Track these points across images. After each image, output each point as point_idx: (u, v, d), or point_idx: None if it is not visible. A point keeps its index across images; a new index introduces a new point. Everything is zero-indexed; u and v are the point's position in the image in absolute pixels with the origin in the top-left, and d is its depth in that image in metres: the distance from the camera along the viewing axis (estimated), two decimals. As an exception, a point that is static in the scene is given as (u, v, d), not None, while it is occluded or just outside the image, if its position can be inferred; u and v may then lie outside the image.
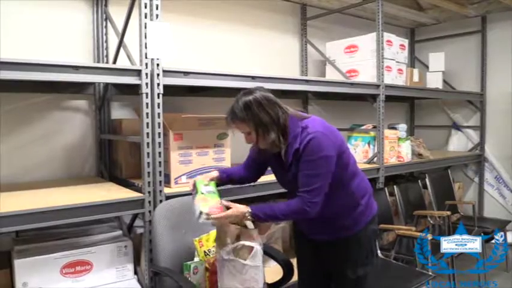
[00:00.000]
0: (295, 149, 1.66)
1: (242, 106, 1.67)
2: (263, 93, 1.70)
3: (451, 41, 4.62)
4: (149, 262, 2.10)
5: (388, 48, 3.51)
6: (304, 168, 1.65)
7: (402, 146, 3.56)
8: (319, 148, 1.64)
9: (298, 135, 1.67)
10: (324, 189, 1.66)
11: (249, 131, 1.71)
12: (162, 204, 2.10)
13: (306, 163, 1.64)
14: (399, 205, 3.42)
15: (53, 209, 1.82)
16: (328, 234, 1.81)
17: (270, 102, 1.68)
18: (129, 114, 2.71)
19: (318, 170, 1.64)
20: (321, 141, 1.64)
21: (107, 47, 2.67)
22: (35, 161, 2.48)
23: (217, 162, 2.43)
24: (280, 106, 1.71)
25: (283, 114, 1.69)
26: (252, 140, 1.73)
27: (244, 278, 1.71)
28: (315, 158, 1.63)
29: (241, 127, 1.72)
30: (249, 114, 1.66)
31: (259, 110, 1.66)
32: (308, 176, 1.64)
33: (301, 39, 3.79)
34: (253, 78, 2.49)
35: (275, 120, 1.67)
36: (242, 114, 1.67)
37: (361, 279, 1.81)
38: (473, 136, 4.56)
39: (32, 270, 1.93)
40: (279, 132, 1.68)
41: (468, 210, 4.08)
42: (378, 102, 3.30)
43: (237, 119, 1.69)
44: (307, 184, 1.64)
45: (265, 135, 1.68)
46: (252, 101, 1.66)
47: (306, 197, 1.64)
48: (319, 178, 1.65)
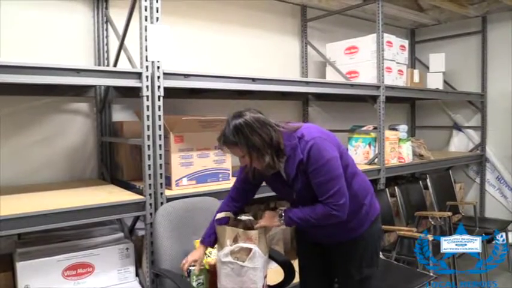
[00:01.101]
0: (299, 160, 1.64)
1: (233, 130, 1.63)
2: (253, 114, 1.67)
3: (452, 41, 4.62)
4: (150, 264, 2.11)
5: (388, 49, 3.51)
6: (316, 177, 1.63)
7: (403, 147, 3.56)
8: (323, 153, 1.62)
9: (297, 146, 1.66)
10: (345, 189, 1.65)
11: (243, 155, 1.67)
12: (163, 206, 2.11)
13: (315, 172, 1.63)
14: (400, 206, 3.42)
15: (54, 211, 1.83)
16: (334, 238, 1.81)
17: (261, 124, 1.65)
18: (130, 116, 2.72)
19: (330, 174, 1.63)
20: (322, 146, 1.63)
21: (107, 50, 2.68)
22: (36, 164, 2.49)
23: (218, 164, 2.44)
24: (271, 125, 1.67)
25: (275, 133, 1.66)
26: (246, 162, 1.70)
27: (243, 279, 1.71)
28: (322, 163, 1.62)
29: (234, 151, 1.69)
30: (241, 138, 1.63)
31: (251, 134, 1.62)
32: (323, 183, 1.63)
33: (302, 41, 3.80)
34: (253, 80, 2.49)
35: (267, 141, 1.64)
36: (234, 139, 1.63)
37: (366, 280, 1.81)
38: (474, 136, 4.56)
39: (34, 272, 1.94)
40: (273, 153, 1.65)
41: (469, 210, 4.08)
42: (379, 103, 3.30)
43: (229, 143, 1.66)
44: (326, 191, 1.62)
45: (259, 158, 1.65)
46: (242, 125, 1.63)
47: (331, 203, 1.62)
48: (335, 181, 1.63)
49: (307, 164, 1.63)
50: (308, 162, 1.63)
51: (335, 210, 1.62)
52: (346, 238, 1.79)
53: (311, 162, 1.62)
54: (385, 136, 3.36)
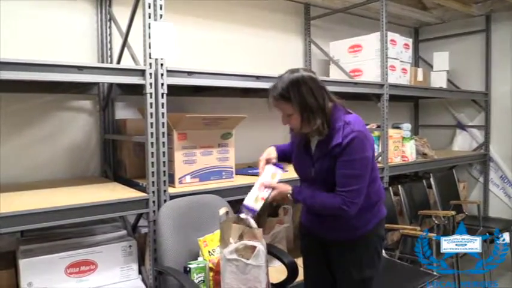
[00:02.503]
0: (337, 143, 1.60)
1: (289, 84, 1.56)
2: (311, 74, 1.61)
3: (456, 40, 4.60)
4: (153, 262, 2.10)
5: (392, 47, 3.50)
6: (344, 168, 1.61)
7: (406, 145, 3.55)
8: (362, 148, 1.60)
9: (341, 129, 1.61)
10: (364, 190, 1.63)
11: (291, 113, 1.62)
12: (167, 203, 2.10)
13: (346, 162, 1.60)
14: (404, 205, 3.41)
15: (57, 208, 1.82)
16: (336, 233, 1.79)
17: (318, 86, 1.60)
18: (133, 114, 2.71)
19: (359, 171, 1.61)
20: (363, 142, 1.60)
21: (110, 47, 2.67)
22: (39, 161, 2.49)
23: (222, 161, 2.43)
24: (327, 92, 1.63)
25: (329, 102, 1.62)
26: (291, 123, 1.65)
27: (247, 277, 1.70)
28: (357, 157, 1.60)
29: (284, 108, 1.62)
30: (296, 94, 1.56)
31: (307, 92, 1.56)
32: (348, 176, 1.61)
33: (305, 39, 3.79)
34: (257, 77, 2.48)
35: (321, 105, 1.58)
36: (288, 94, 1.57)
37: (366, 282, 1.80)
38: (478, 135, 4.54)
39: (37, 270, 1.93)
40: (324, 118, 1.61)
41: (473, 210, 4.06)
42: (382, 102, 3.29)
43: (282, 99, 1.59)
44: (348, 184, 1.60)
45: (310, 119, 1.60)
46: (300, 81, 1.56)
47: (346, 197, 1.60)
48: (360, 179, 1.62)
49: (342, 151, 1.60)
50: (344, 150, 1.59)
51: (347, 206, 1.61)
52: (348, 237, 1.77)
53: (347, 152, 1.59)
54: (389, 135, 3.35)
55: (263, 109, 3.43)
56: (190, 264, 1.93)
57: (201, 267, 1.92)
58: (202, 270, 1.91)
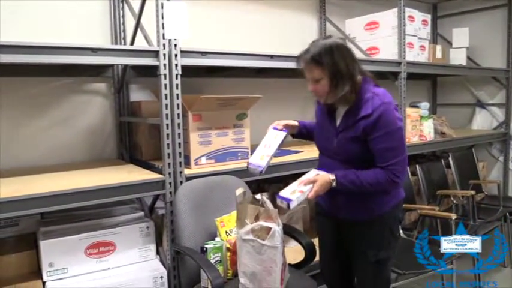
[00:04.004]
0: (366, 114, 1.60)
1: (322, 49, 1.57)
2: (343, 42, 1.62)
3: (476, 15, 4.45)
4: (171, 242, 2.12)
5: (410, 24, 3.40)
6: (384, 142, 1.60)
7: (424, 124, 3.48)
8: (394, 120, 1.60)
9: (369, 100, 1.61)
10: (407, 159, 1.65)
11: (320, 78, 1.61)
12: (184, 184, 2.11)
13: (384, 136, 1.59)
14: (422, 185, 3.37)
15: (76, 191, 1.84)
16: (354, 213, 1.76)
17: (349, 54, 1.61)
18: (147, 96, 2.71)
19: (397, 142, 1.62)
20: (395, 113, 1.61)
21: (123, 29, 2.66)
22: (56, 144, 2.51)
23: (237, 142, 2.42)
24: (358, 63, 1.64)
25: (358, 73, 1.63)
26: (318, 89, 1.63)
27: (262, 258, 1.70)
28: (393, 129, 1.60)
29: (314, 72, 1.61)
30: (328, 59, 1.56)
31: (338, 58, 1.57)
32: (389, 149, 1.61)
33: (320, 17, 3.71)
34: (271, 57, 2.45)
35: (351, 72, 1.59)
36: (320, 58, 1.57)
37: (382, 263, 1.78)
38: (498, 114, 4.44)
39: (57, 251, 1.97)
40: (352, 87, 1.61)
41: (493, 189, 3.99)
42: (400, 80, 3.23)
43: (313, 62, 1.58)
44: (392, 157, 1.61)
45: (339, 86, 1.59)
46: (333, 47, 1.57)
47: (394, 169, 1.61)
48: (401, 150, 1.63)
49: (375, 124, 1.59)
50: (378, 124, 1.58)
51: (397, 177, 1.62)
52: (365, 218, 1.75)
53: (381, 125, 1.58)
54: (407, 113, 3.29)
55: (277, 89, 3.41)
56: (207, 244, 1.94)
57: (217, 247, 1.92)
58: (218, 250, 1.92)
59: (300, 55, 1.64)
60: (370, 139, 1.62)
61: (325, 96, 1.66)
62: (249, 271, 1.73)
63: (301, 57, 1.64)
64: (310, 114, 3.52)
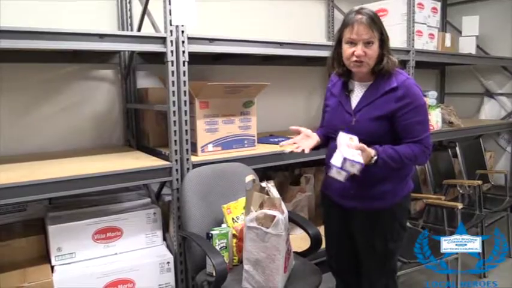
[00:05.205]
0: (392, 87, 1.64)
1: (375, 14, 1.63)
2: None
3: (486, 3, 4.37)
4: (178, 228, 2.14)
5: (419, 11, 3.36)
6: (415, 116, 1.63)
7: (432, 113, 3.44)
8: (421, 95, 1.66)
9: (393, 75, 1.66)
10: None
11: (372, 41, 1.61)
12: (191, 171, 2.12)
13: (415, 109, 1.62)
14: (428, 174, 3.36)
15: (83, 176, 1.86)
16: (365, 203, 1.74)
17: None
18: (154, 83, 2.71)
19: (425, 116, 1.68)
20: (420, 89, 1.67)
21: (131, 15, 2.64)
22: (64, 131, 2.52)
23: (243, 130, 2.42)
24: None
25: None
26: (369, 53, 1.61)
27: (266, 245, 1.72)
28: (422, 103, 1.65)
29: (368, 34, 1.60)
30: (380, 23, 1.63)
31: (383, 27, 1.65)
32: (420, 123, 1.64)
33: (328, 4, 3.66)
34: (280, 44, 2.43)
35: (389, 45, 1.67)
36: (378, 20, 1.63)
37: (389, 254, 1.79)
38: (507, 103, 4.39)
39: (65, 236, 1.99)
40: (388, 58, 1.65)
41: (499, 179, 3.97)
42: (408, 69, 3.20)
43: (371, 23, 1.59)
44: (423, 131, 1.65)
45: (385, 52, 1.64)
46: (377, 15, 1.65)
47: (425, 144, 1.65)
48: (428, 125, 1.69)
49: (402, 98, 1.62)
50: (405, 98, 1.62)
51: (428, 150, 1.66)
52: (374, 208, 1.73)
53: (411, 98, 1.63)
54: (414, 103, 3.26)
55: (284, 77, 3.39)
56: (213, 230, 1.95)
57: (223, 234, 1.94)
58: (224, 236, 1.93)
59: (353, 15, 1.63)
60: (400, 115, 1.63)
61: (372, 61, 1.65)
62: (253, 258, 1.75)
63: (353, 17, 1.62)
64: (316, 102, 3.52)
